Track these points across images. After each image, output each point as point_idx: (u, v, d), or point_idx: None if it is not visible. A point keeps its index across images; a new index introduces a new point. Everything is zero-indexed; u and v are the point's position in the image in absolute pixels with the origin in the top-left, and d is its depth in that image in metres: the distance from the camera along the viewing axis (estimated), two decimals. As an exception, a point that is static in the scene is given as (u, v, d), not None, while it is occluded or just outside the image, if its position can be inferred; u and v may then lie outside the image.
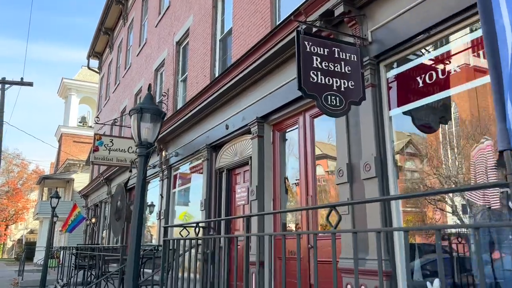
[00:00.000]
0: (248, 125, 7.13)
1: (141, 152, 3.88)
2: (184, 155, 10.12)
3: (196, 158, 9.63)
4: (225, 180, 8.27)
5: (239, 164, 7.88)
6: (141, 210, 3.70)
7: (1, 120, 20.36)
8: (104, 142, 10.62)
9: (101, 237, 18.81)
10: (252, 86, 7.19)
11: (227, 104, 8.06)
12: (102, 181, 17.57)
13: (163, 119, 3.97)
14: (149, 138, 3.87)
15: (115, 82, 19.74)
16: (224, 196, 8.30)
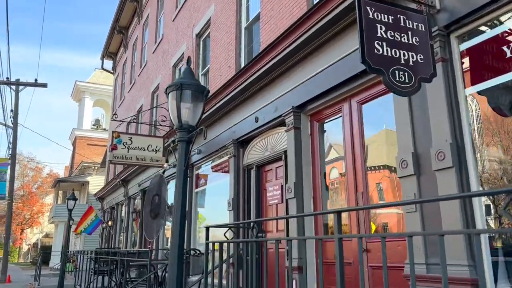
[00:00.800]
0: (282, 116, 6.48)
1: (182, 137, 3.23)
2: (207, 153, 9.51)
3: (221, 155, 9.01)
4: (255, 178, 7.63)
5: (271, 160, 7.23)
6: (183, 206, 3.08)
7: (15, 122, 20.04)
8: (123, 140, 10.06)
9: (118, 241, 18.31)
10: (286, 74, 6.54)
11: (256, 95, 7.42)
12: (118, 183, 17.06)
13: (207, 98, 3.33)
14: (190, 120, 3.23)
15: (130, 82, 19.27)
16: (253, 195, 7.65)
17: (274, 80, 6.86)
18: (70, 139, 40.34)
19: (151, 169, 13.46)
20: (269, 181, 7.36)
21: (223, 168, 8.93)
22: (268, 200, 7.29)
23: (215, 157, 9.35)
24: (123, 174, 16.35)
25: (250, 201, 7.76)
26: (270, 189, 7.25)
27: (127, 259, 6.83)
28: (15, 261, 52.04)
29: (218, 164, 9.20)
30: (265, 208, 7.40)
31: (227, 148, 8.38)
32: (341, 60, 5.37)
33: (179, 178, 3.15)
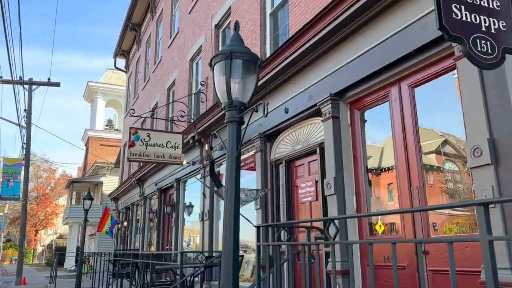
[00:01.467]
0: (318, 105, 5.91)
1: (232, 116, 2.68)
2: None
3: (246, 150, 8.47)
4: (284, 174, 7.07)
5: (302, 154, 6.67)
6: (236, 201, 2.54)
7: (29, 122, 19.77)
8: (141, 137, 9.58)
9: (134, 242, 17.88)
10: (322, 58, 5.98)
11: (285, 84, 6.87)
12: (134, 182, 16.63)
13: (259, 68, 2.77)
14: (241, 96, 2.68)
15: (144, 79, 18.86)
16: (283, 192, 7.10)
17: (306, 67, 6.30)
18: (83, 140, 40.22)
19: (168, 167, 12.99)
20: (301, 177, 6.80)
21: (248, 165, 8.39)
22: (300, 197, 6.74)
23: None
24: (138, 173, 15.91)
25: (279, 199, 7.22)
26: (302, 185, 6.69)
27: (152, 261, 6.32)
28: (29, 262, 52.20)
29: (243, 160, 8.65)
30: (296, 206, 6.84)
31: (253, 142, 7.84)
32: (389, 39, 4.79)
33: (231, 166, 2.61)
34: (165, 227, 13.74)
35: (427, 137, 4.64)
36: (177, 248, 11.85)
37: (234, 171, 2.60)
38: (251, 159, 8.29)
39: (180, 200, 12.21)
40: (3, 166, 20.05)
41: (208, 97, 10.59)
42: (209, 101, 10.43)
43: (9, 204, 47.90)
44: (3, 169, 20.00)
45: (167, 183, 13.18)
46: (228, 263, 2.45)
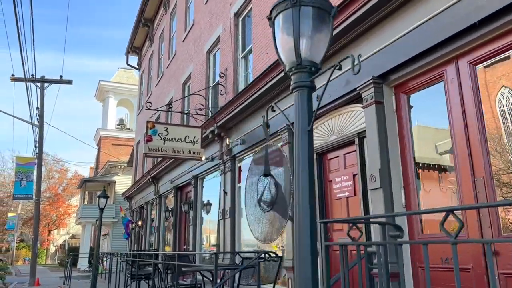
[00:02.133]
0: (358, 90, 5.35)
1: (300, 80, 2.07)
2: (253, 142, 8.46)
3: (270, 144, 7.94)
4: (316, 167, 6.51)
5: (337, 145, 6.12)
6: (311, 186, 2.00)
7: (41, 120, 19.47)
8: (158, 131, 9.10)
9: (149, 241, 17.47)
10: (361, 38, 5.43)
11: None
12: (148, 181, 16.21)
13: (333, 19, 2.21)
14: (312, 54, 2.12)
15: (158, 75, 18.44)
16: (315, 186, 6.56)
17: (343, 48, 5.75)
18: (95, 139, 40.06)
19: (185, 164, 12.52)
20: (335, 171, 6.24)
21: (274, 159, 7.84)
22: (334, 193, 6.18)
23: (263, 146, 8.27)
24: (153, 171, 15.48)
25: (310, 195, 6.68)
26: (337, 180, 6.14)
27: (179, 263, 5.80)
28: (42, 263, 52.29)
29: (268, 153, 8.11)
30: (330, 202, 6.29)
31: (279, 135, 7.31)
32: (446, 10, 4.22)
33: (302, 145, 2.07)
34: (182, 226, 13.27)
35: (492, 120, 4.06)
36: (195, 248, 11.37)
37: (307, 151, 2.06)
38: (276, 153, 7.74)
39: (197, 198, 11.73)
40: (15, 165, 19.78)
41: (227, 89, 10.08)
42: (229, 94, 9.92)
43: (22, 204, 48.05)
44: (15, 168, 19.74)
45: (184, 180, 12.71)
46: (305, 262, 1.93)
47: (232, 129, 9.36)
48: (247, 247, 9.04)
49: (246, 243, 9.11)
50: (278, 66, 6.89)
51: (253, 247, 8.95)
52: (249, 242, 9.01)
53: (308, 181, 2.05)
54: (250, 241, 8.96)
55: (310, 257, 1.97)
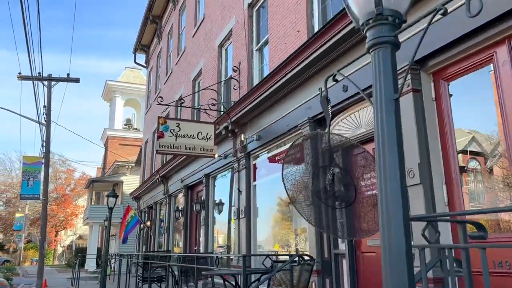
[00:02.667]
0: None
1: (382, 35, 1.60)
2: (269, 138, 8.03)
3: (288, 139, 7.52)
4: (341, 164, 6.06)
5: (365, 139, 5.67)
6: (401, 165, 1.57)
7: (48, 119, 19.17)
8: (170, 127, 8.71)
9: (158, 242, 17.10)
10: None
11: (343, 57, 5.88)
12: (157, 180, 15.83)
13: None
14: (395, 2, 1.68)
15: (166, 73, 18.07)
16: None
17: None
18: (102, 140, 39.84)
19: (196, 162, 12.12)
20: (365, 166, 5.79)
21: (293, 155, 7.41)
22: (362, 190, 5.73)
23: (280, 142, 7.85)
24: (162, 170, 15.10)
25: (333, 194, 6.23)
26: (367, 176, 5.68)
27: (198, 266, 5.38)
28: (50, 263, 52.19)
29: (282, 153, 7.69)
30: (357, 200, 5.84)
31: (299, 129, 6.88)
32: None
33: (387, 117, 1.65)
34: (193, 227, 12.88)
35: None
36: (207, 249, 10.96)
37: (394, 127, 1.63)
38: (295, 149, 7.32)
39: (209, 197, 11.32)
40: (22, 165, 19.50)
41: (241, 83, 9.67)
42: (243, 88, 9.51)
43: (30, 205, 48.00)
44: (22, 168, 19.45)
45: (195, 179, 12.31)
46: (398, 267, 1.50)
47: (247, 124, 8.94)
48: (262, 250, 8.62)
49: (264, 246, 8.69)
50: (299, 56, 6.46)
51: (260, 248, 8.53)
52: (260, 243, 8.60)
53: (398, 166, 1.62)
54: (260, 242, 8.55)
55: (406, 259, 1.54)
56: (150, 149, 19.97)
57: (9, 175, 52.35)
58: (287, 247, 8.05)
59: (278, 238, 8.46)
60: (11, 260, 43.75)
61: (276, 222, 8.53)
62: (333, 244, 6.07)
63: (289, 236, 8.09)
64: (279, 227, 8.52)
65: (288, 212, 7.90)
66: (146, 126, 22.00)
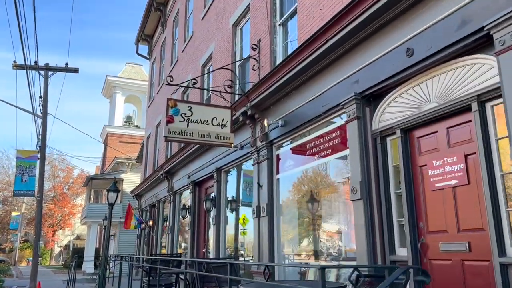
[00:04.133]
0: (485, 30, 3.72)
1: None
2: (297, 124, 6.84)
3: (324, 123, 6.32)
4: (402, 149, 4.88)
5: (437, 116, 4.47)
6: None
7: (45, 110, 17.97)
8: (181, 111, 7.51)
9: (161, 243, 15.87)
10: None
11: (409, 14, 4.69)
12: (161, 176, 14.61)
13: None
14: None
15: (171, 62, 16.89)
16: (395, 175, 4.93)
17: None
18: (102, 137, 38.58)
19: (206, 155, 10.92)
20: (432, 152, 4.60)
21: (331, 141, 6.22)
22: (431, 182, 4.54)
23: (312, 127, 6.65)
24: (167, 165, 13.89)
25: (388, 186, 5.05)
26: (436, 164, 4.49)
27: (231, 277, 4.16)
28: (46, 264, 50.98)
29: (321, 137, 6.49)
30: (423, 194, 4.65)
31: (341, 108, 5.69)
32: None
33: None
34: (201, 227, 11.67)
35: None
36: (218, 252, 9.75)
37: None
38: (334, 134, 6.13)
39: (221, 193, 10.12)
40: (16, 159, 18.28)
41: (261, 63, 8.48)
42: (264, 68, 8.32)
43: (26, 204, 46.71)
44: (17, 162, 18.23)
45: (204, 174, 11.10)
46: None
47: (269, 109, 7.74)
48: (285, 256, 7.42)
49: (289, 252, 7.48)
50: (345, 16, 5.26)
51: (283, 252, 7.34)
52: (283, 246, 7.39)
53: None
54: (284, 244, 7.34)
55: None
56: (153, 144, 18.77)
57: (6, 173, 51.08)
58: (316, 251, 6.86)
59: (305, 240, 7.26)
60: (6, 260, 42.42)
61: (303, 222, 7.33)
62: (388, 248, 4.87)
63: (319, 238, 6.89)
64: (306, 227, 7.31)
65: (319, 209, 6.70)
66: (149, 120, 20.82)
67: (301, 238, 7.22)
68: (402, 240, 4.80)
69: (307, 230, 7.15)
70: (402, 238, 4.79)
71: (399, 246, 4.83)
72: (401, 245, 4.80)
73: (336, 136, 6.05)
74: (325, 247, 6.73)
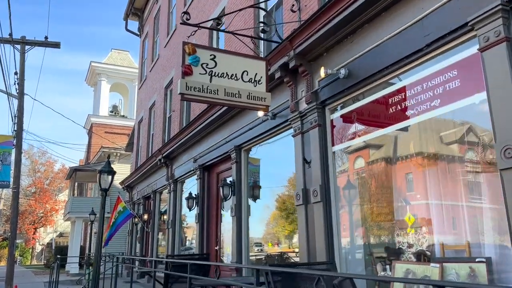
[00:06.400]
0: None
1: None
2: (372, 71, 4.89)
3: (425, 61, 4.37)
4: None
5: None
6: None
7: (21, 89, 15.62)
8: (202, 60, 5.50)
9: (157, 241, 13.78)
10: None
11: None
12: (159, 162, 12.52)
13: None
14: None
15: (168, 33, 14.76)
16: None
17: None
18: (86, 127, 36.02)
19: (221, 131, 8.90)
20: None
21: (440, 87, 4.25)
22: None
23: (398, 72, 4.70)
24: (166, 148, 11.81)
25: None
26: None
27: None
28: (27, 263, 48.25)
29: (418, 83, 4.50)
30: None
31: (471, 30, 3.74)
32: None
33: None
34: (212, 219, 9.65)
35: None
36: (240, 253, 7.73)
37: None
38: (448, 75, 4.17)
39: (241, 178, 8.12)
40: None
41: (303, 1, 6.48)
42: (310, 7, 6.32)
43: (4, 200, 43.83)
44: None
45: (217, 155, 9.09)
46: None
47: (322, 58, 5.77)
48: (354, 253, 5.47)
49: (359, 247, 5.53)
50: None
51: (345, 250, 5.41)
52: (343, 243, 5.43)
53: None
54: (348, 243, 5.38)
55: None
56: (146, 128, 16.62)
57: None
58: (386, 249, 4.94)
59: (375, 235, 5.33)
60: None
61: (369, 210, 5.39)
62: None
63: (393, 232, 4.97)
64: (374, 218, 5.37)
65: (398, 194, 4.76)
66: (140, 102, 18.64)
67: (368, 231, 5.27)
68: None
69: (388, 220, 5.21)
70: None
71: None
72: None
73: (451, 78, 4.09)
74: (405, 242, 4.82)
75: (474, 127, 3.95)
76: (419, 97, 4.42)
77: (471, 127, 3.96)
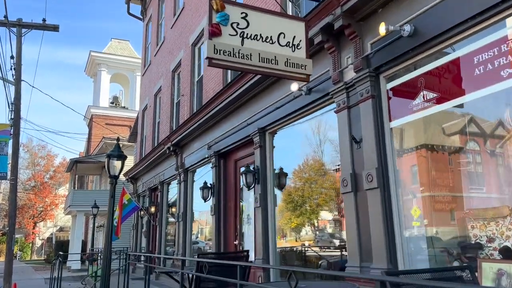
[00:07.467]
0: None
1: None
2: (448, 25, 3.94)
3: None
4: None
5: None
6: None
7: (18, 74, 14.62)
8: (232, 19, 4.56)
9: (165, 236, 12.86)
10: None
11: None
12: (167, 151, 11.56)
13: None
14: None
15: (174, 13, 13.76)
16: None
17: None
18: (86, 119, 34.97)
19: (241, 113, 7.95)
20: None
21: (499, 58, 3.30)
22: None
23: (483, 25, 3.74)
24: (176, 135, 10.86)
25: None
26: None
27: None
28: (28, 258, 47.45)
29: (468, 56, 3.56)
30: None
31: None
32: None
33: None
34: (229, 212, 8.73)
35: None
36: (267, 248, 6.81)
37: None
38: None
39: (267, 164, 7.18)
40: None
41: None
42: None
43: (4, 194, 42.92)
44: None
45: (236, 140, 8.15)
46: None
47: (376, 16, 4.80)
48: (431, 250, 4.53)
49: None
50: None
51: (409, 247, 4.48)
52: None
53: None
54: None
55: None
56: (151, 116, 15.65)
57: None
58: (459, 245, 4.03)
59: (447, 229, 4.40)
60: (-19, 255, 38.80)
61: (435, 198, 4.45)
62: None
63: (465, 224, 4.06)
64: (443, 207, 4.45)
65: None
66: (144, 89, 17.64)
67: (451, 222, 4.34)
68: None
69: (459, 209, 4.29)
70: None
71: None
72: None
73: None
74: (485, 236, 3.91)
75: None
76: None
77: None
